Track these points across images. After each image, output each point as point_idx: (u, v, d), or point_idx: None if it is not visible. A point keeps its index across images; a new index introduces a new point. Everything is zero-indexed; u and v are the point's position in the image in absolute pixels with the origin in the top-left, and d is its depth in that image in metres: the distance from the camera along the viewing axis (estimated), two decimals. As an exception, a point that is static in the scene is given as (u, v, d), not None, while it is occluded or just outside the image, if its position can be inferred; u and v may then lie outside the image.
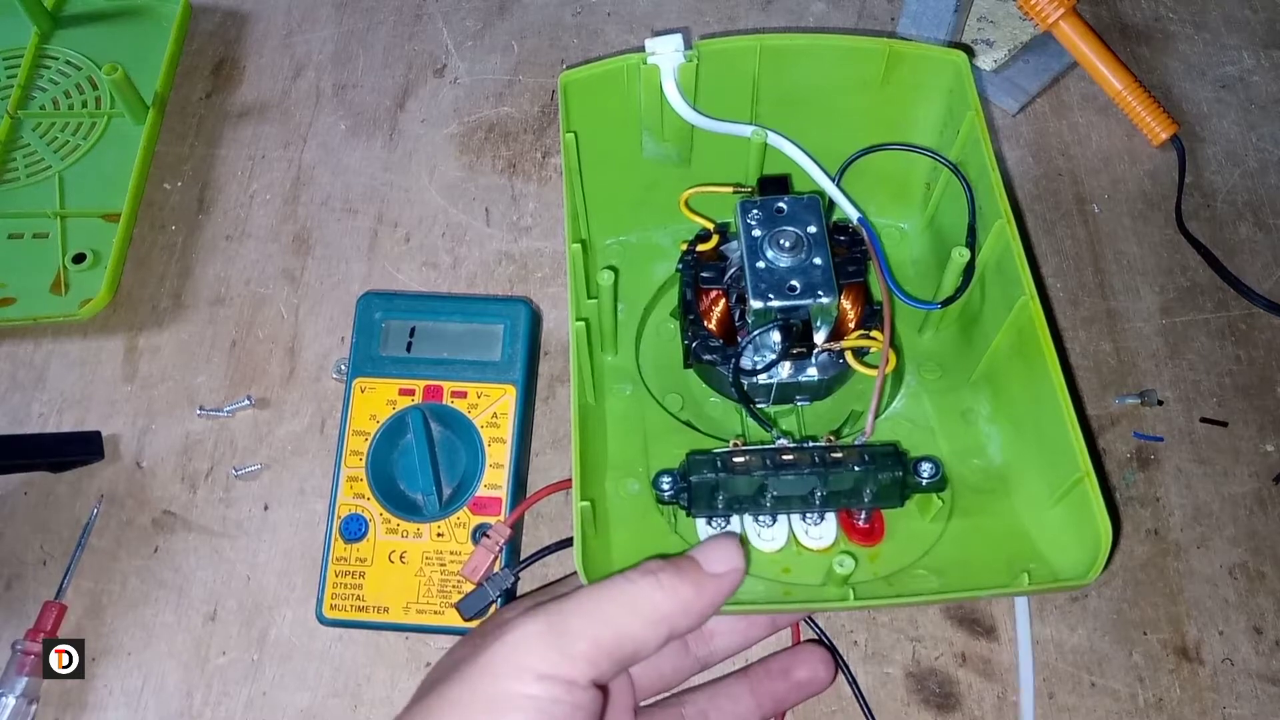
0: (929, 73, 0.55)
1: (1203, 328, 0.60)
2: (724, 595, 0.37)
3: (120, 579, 0.54)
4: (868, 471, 0.47)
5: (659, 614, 0.35)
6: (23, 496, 0.56)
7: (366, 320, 0.56)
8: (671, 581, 0.36)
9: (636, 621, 0.35)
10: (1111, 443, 0.57)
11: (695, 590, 0.36)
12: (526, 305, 0.57)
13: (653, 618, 0.35)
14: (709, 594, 0.36)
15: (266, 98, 0.71)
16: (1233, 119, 0.69)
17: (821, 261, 0.50)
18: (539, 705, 0.32)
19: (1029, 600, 0.51)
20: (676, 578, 0.36)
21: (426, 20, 0.74)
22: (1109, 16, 0.74)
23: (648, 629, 0.35)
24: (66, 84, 0.70)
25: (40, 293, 0.61)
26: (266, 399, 0.59)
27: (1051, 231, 0.64)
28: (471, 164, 0.67)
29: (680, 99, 0.53)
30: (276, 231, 0.65)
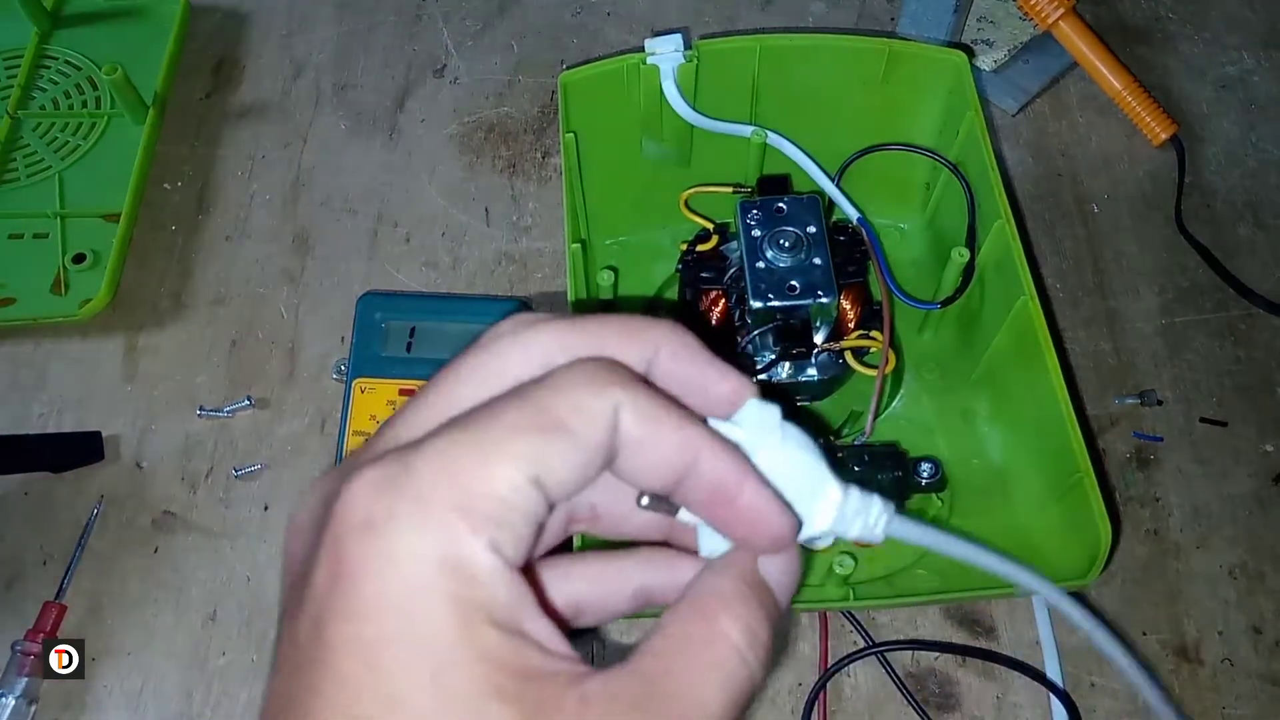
0: (929, 73, 0.55)
1: (1202, 328, 0.60)
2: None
3: (120, 579, 0.54)
4: (867, 472, 0.47)
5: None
6: (23, 497, 0.56)
7: (367, 320, 0.56)
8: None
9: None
10: (1111, 443, 0.57)
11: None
12: (527, 306, 0.57)
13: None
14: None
15: (266, 98, 0.71)
16: (1232, 119, 0.69)
17: (821, 261, 0.50)
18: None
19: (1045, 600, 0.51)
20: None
21: (426, 20, 0.74)
22: (1109, 16, 0.74)
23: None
24: (66, 84, 0.70)
25: (40, 293, 0.61)
26: (266, 399, 0.59)
27: (1051, 232, 0.64)
28: (471, 164, 0.67)
29: (680, 99, 0.53)
30: (276, 232, 0.65)
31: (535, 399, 0.20)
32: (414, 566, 0.18)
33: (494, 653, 0.19)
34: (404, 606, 0.18)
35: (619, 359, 0.22)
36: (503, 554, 0.19)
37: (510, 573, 0.19)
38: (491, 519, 0.19)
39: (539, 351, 0.22)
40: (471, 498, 0.19)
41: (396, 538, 0.19)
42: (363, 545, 0.19)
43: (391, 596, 0.18)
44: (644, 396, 0.21)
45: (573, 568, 0.25)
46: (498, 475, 0.19)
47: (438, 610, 0.18)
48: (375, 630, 0.18)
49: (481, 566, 0.19)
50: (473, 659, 0.18)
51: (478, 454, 0.19)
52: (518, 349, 0.22)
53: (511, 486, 0.19)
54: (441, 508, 0.19)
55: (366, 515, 0.19)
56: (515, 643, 0.19)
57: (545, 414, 0.20)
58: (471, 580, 0.19)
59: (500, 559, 0.19)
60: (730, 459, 0.22)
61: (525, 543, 0.20)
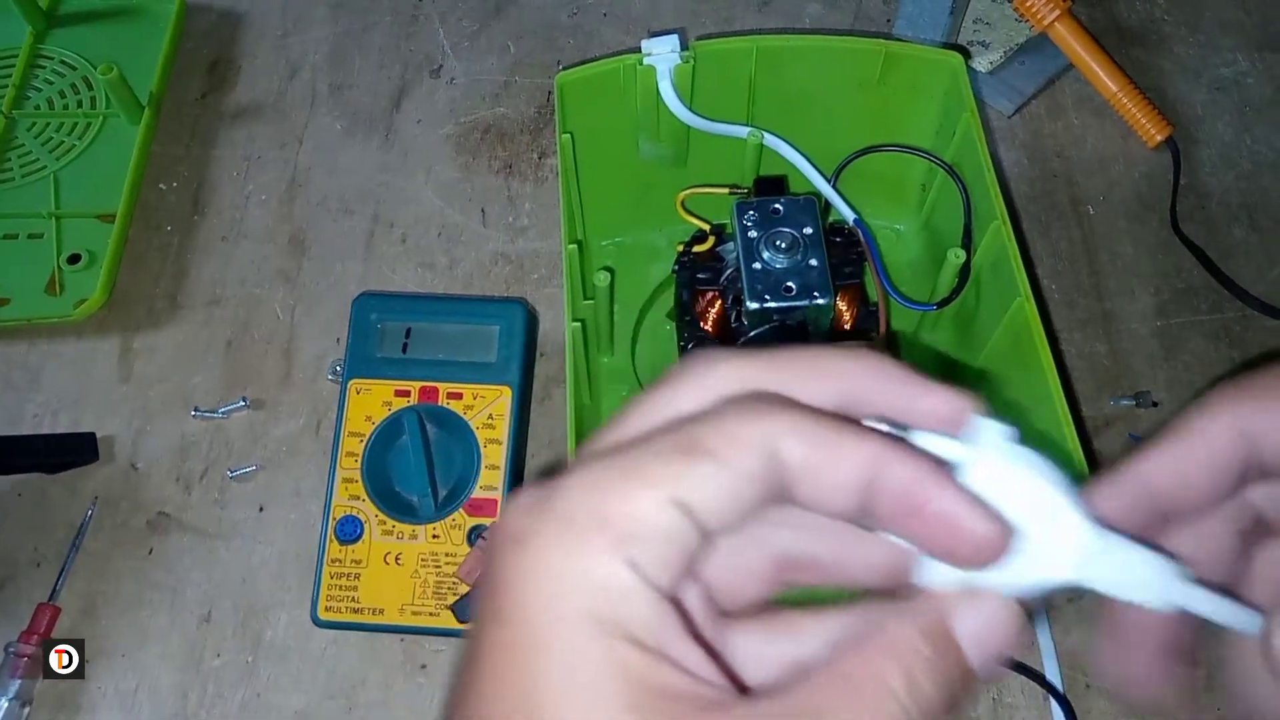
0: (925, 74, 0.55)
1: (1197, 329, 0.60)
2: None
3: (115, 581, 0.53)
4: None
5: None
6: (16, 498, 0.56)
7: (362, 321, 0.56)
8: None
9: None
10: (1107, 444, 0.57)
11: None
12: (522, 306, 0.57)
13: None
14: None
15: (262, 98, 0.70)
16: (1227, 121, 0.69)
17: (817, 263, 0.50)
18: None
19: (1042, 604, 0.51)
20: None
21: (422, 21, 0.74)
22: (1104, 18, 0.74)
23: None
24: (61, 84, 0.70)
25: (35, 293, 0.61)
26: (262, 400, 0.59)
27: (1047, 233, 0.64)
28: (468, 165, 0.67)
29: (676, 100, 0.53)
30: (272, 232, 0.65)
31: (687, 428, 0.20)
32: (553, 580, 0.19)
33: (631, 669, 0.19)
34: (543, 617, 0.19)
35: (803, 395, 0.21)
36: (644, 573, 0.19)
37: (652, 593, 0.19)
38: (632, 538, 0.19)
39: (716, 386, 0.22)
40: (612, 517, 0.19)
41: (540, 552, 0.19)
42: (511, 558, 0.20)
43: (532, 607, 0.19)
44: (809, 421, 0.20)
45: (803, 517, 0.22)
46: (639, 496, 0.19)
47: (574, 623, 0.19)
48: (514, 636, 0.19)
49: (620, 584, 0.19)
50: (607, 673, 0.19)
51: (621, 477, 0.20)
52: (694, 384, 0.22)
53: (654, 508, 0.19)
54: (583, 526, 0.19)
55: (517, 531, 0.20)
56: (654, 662, 0.19)
57: (692, 441, 0.20)
58: (610, 596, 0.19)
59: (640, 578, 0.19)
60: (914, 464, 0.21)
61: (671, 566, 0.20)
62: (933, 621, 0.21)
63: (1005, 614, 0.21)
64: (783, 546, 0.23)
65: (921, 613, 0.21)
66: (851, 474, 0.20)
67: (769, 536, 0.23)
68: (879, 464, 0.20)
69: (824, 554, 0.23)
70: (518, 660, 0.19)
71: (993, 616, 0.21)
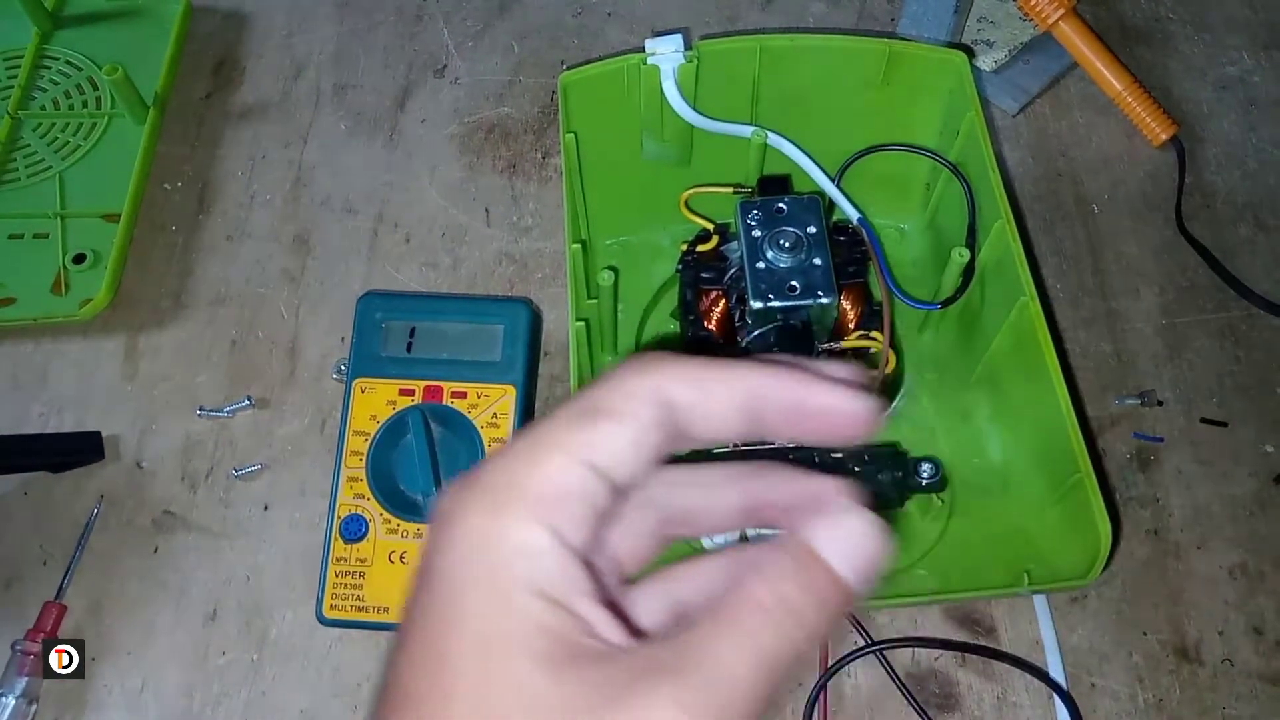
0: (929, 73, 0.55)
1: (1202, 328, 0.60)
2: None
3: (120, 579, 0.54)
4: (868, 472, 0.47)
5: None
6: (23, 497, 0.56)
7: (367, 320, 0.56)
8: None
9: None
10: (1111, 443, 0.57)
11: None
12: (526, 306, 0.57)
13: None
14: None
15: (267, 98, 0.71)
16: (1233, 119, 0.69)
17: (821, 262, 0.50)
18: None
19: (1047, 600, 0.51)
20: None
21: (427, 21, 0.74)
22: (1109, 17, 0.74)
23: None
24: (67, 84, 0.70)
25: (41, 293, 0.61)
26: (266, 399, 0.59)
27: (1051, 232, 0.64)
28: (472, 164, 0.67)
29: (680, 99, 0.53)
30: (277, 232, 0.65)
31: (585, 395, 0.22)
32: (472, 545, 0.21)
33: (541, 623, 0.20)
34: (460, 578, 0.21)
35: (712, 395, 0.23)
36: (559, 535, 0.21)
37: (564, 552, 0.21)
38: (544, 501, 0.21)
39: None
40: (526, 484, 0.21)
41: (461, 524, 0.21)
42: (436, 535, 0.21)
43: (451, 572, 0.21)
44: (687, 366, 0.23)
45: (679, 476, 0.26)
46: (550, 463, 0.21)
47: (489, 582, 0.20)
48: (433, 600, 0.21)
49: (535, 545, 0.20)
50: (518, 627, 0.20)
51: (532, 447, 0.22)
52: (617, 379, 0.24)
53: (564, 471, 0.21)
54: (501, 495, 0.21)
55: (443, 510, 0.21)
56: (562, 616, 0.20)
57: (592, 404, 0.22)
58: (522, 555, 0.20)
59: (555, 539, 0.21)
60: (788, 377, 0.23)
61: (584, 524, 0.21)
62: (797, 545, 0.22)
63: (864, 526, 0.23)
64: (664, 505, 0.26)
65: (787, 541, 0.23)
66: (734, 399, 0.23)
67: (654, 498, 0.25)
68: (756, 385, 0.23)
69: (696, 507, 0.26)
70: (436, 621, 0.20)
71: (852, 530, 0.22)
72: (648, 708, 0.19)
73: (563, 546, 0.21)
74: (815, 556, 0.22)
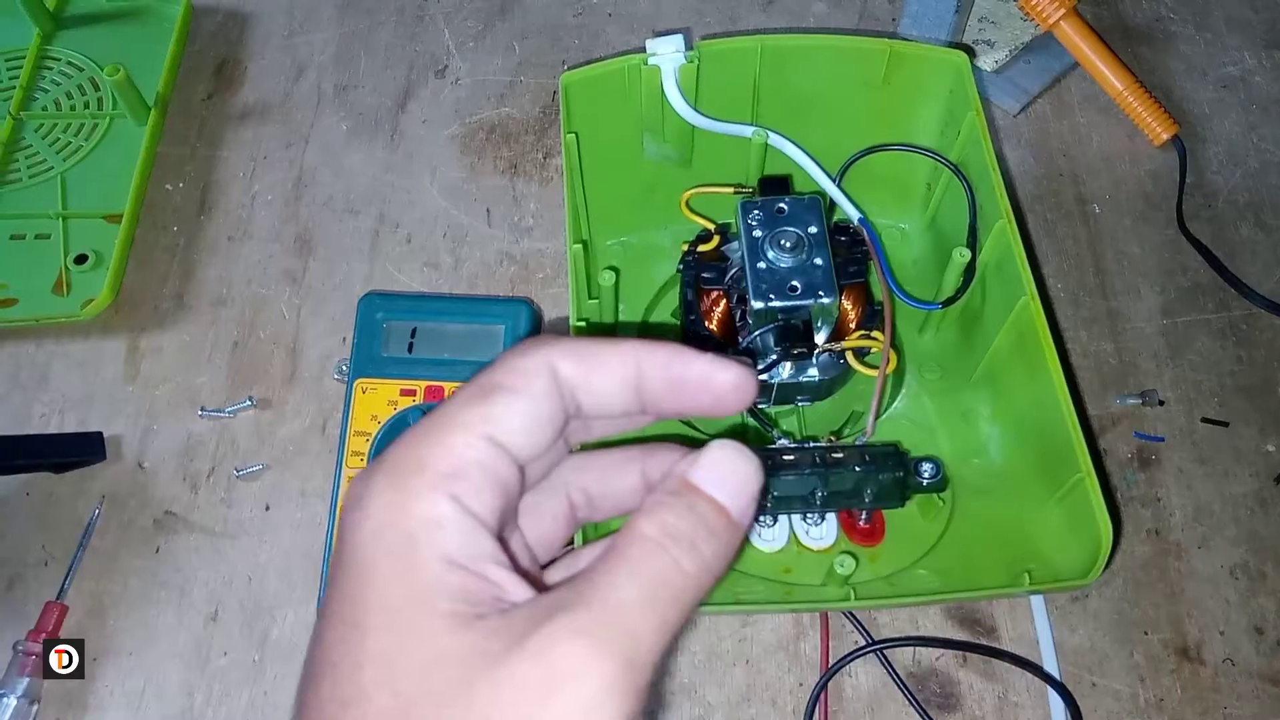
0: (930, 73, 0.55)
1: (1204, 328, 0.60)
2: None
3: (122, 579, 0.54)
4: (868, 472, 0.47)
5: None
6: (24, 497, 0.56)
7: (368, 321, 0.56)
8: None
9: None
10: (1112, 443, 0.57)
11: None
12: (528, 306, 0.57)
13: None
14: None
15: (268, 98, 0.71)
16: (1234, 119, 0.69)
17: (822, 262, 0.50)
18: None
19: (1044, 600, 0.51)
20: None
21: (428, 21, 0.74)
22: (1110, 17, 0.74)
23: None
24: (68, 85, 0.70)
25: (42, 294, 0.61)
26: (268, 399, 0.59)
27: (1052, 232, 0.64)
28: (473, 165, 0.67)
29: (681, 99, 0.53)
30: (278, 232, 0.65)
31: (481, 375, 0.24)
32: (380, 522, 0.22)
33: (446, 584, 0.21)
34: (370, 553, 0.21)
35: (602, 371, 0.25)
36: (463, 505, 0.22)
37: (470, 521, 0.22)
38: (447, 475, 0.22)
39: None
40: (429, 460, 0.22)
41: (369, 503, 0.22)
42: (348, 515, 0.22)
43: (361, 547, 0.22)
44: (573, 343, 0.24)
45: (583, 461, 0.28)
46: (451, 439, 0.22)
47: (395, 553, 0.21)
48: (346, 576, 0.22)
49: (439, 515, 0.22)
50: (423, 590, 0.21)
51: (434, 427, 0.23)
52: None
53: (465, 446, 0.22)
54: (405, 473, 0.22)
55: (353, 495, 0.23)
56: (469, 578, 0.21)
57: (489, 382, 0.24)
58: (428, 526, 0.21)
59: (459, 508, 0.22)
60: (666, 351, 0.25)
61: (489, 494, 0.22)
62: (674, 479, 0.24)
63: (733, 455, 0.24)
64: (572, 489, 0.28)
65: (667, 480, 0.24)
66: (619, 372, 0.24)
67: (562, 483, 0.27)
68: (638, 359, 0.25)
69: (600, 489, 0.28)
70: (349, 596, 0.22)
71: (722, 459, 0.24)
72: (550, 638, 0.20)
73: (468, 515, 0.22)
74: (691, 486, 0.24)
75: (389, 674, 0.20)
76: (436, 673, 0.20)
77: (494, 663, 0.20)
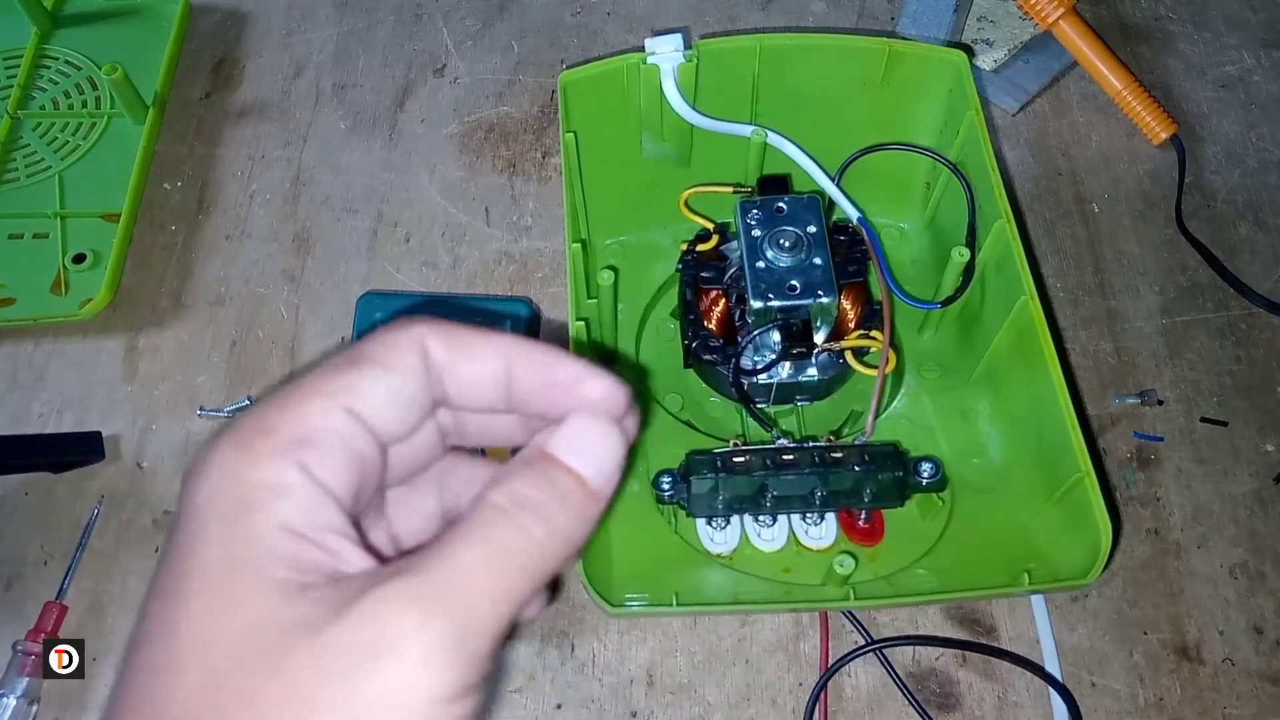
0: (929, 72, 0.55)
1: (1203, 327, 0.60)
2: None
3: (121, 579, 0.54)
4: (868, 471, 0.47)
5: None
6: (23, 497, 0.56)
7: (366, 320, 0.56)
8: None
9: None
10: (1112, 442, 0.57)
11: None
12: (527, 305, 0.57)
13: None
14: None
15: (266, 97, 0.71)
16: (1233, 118, 0.69)
17: (821, 261, 0.50)
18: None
19: (1044, 600, 0.51)
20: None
21: (426, 20, 0.74)
22: (1109, 16, 0.74)
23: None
24: (66, 84, 0.70)
25: (40, 293, 0.61)
26: (267, 399, 0.59)
27: (1051, 231, 0.64)
28: (471, 164, 0.67)
29: (680, 99, 0.53)
30: (276, 231, 0.65)
31: (352, 347, 0.23)
32: (216, 483, 0.21)
33: (279, 551, 0.20)
34: (204, 516, 0.20)
35: (473, 361, 0.24)
36: (310, 474, 0.21)
37: (316, 490, 0.21)
38: (297, 441, 0.21)
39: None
40: (279, 426, 0.21)
41: (212, 464, 0.21)
42: (189, 477, 0.21)
43: (196, 510, 0.21)
44: (450, 326, 0.24)
45: (456, 463, 0.27)
46: (307, 405, 0.22)
47: (231, 516, 0.20)
48: (180, 539, 0.21)
49: (281, 480, 0.21)
50: (253, 556, 0.20)
51: (293, 394, 0.22)
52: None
53: (322, 414, 0.21)
54: (250, 438, 0.21)
55: (199, 456, 0.21)
56: (306, 547, 0.20)
57: (357, 354, 0.23)
58: (269, 491, 0.20)
59: (306, 476, 0.21)
60: (540, 350, 0.24)
61: (341, 466, 0.21)
62: (531, 449, 0.23)
63: (596, 423, 0.23)
64: (445, 490, 0.27)
65: (524, 450, 0.23)
66: (489, 364, 0.24)
67: (436, 482, 0.27)
68: (510, 355, 0.24)
69: (471, 494, 0.26)
70: (177, 559, 0.20)
71: (582, 428, 0.23)
72: (378, 603, 0.19)
73: (314, 484, 0.21)
74: (548, 456, 0.23)
75: (203, 644, 0.19)
76: (253, 642, 0.19)
77: (314, 631, 0.19)
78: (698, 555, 0.50)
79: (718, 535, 0.50)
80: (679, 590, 0.45)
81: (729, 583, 0.49)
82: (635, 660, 0.50)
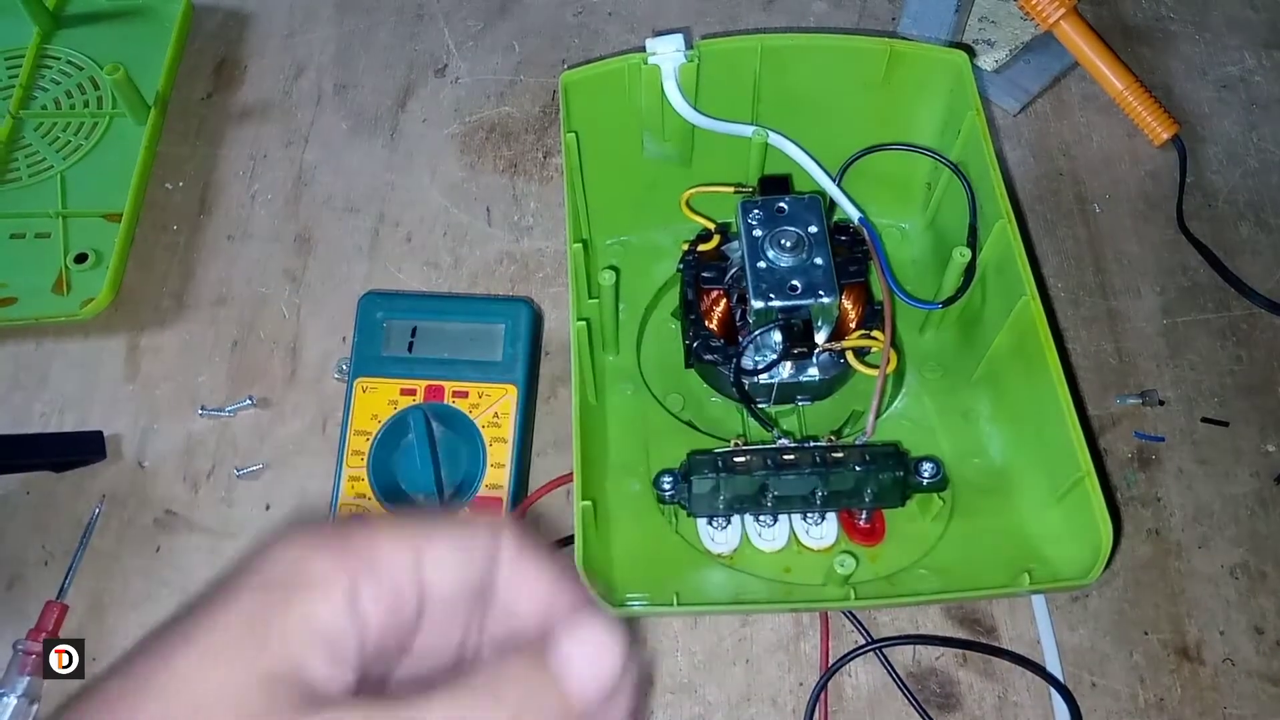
0: (930, 73, 0.55)
1: (1204, 328, 0.60)
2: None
3: (122, 579, 0.54)
4: (869, 471, 0.47)
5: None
6: (24, 496, 0.56)
7: (368, 320, 0.56)
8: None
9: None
10: (1112, 443, 0.57)
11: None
12: (528, 305, 0.57)
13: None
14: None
15: (268, 98, 0.71)
16: (1234, 119, 0.69)
17: (822, 261, 0.50)
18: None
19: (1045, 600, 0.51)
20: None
21: (428, 20, 0.74)
22: (1110, 16, 0.74)
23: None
24: (68, 84, 0.70)
25: (42, 293, 0.61)
26: (268, 399, 0.59)
27: (1052, 231, 0.64)
28: (473, 164, 0.67)
29: (681, 99, 0.53)
30: (278, 231, 0.65)
31: (438, 511, 0.22)
32: (277, 567, 0.22)
33: (289, 651, 0.20)
34: (248, 582, 0.22)
35: (447, 569, 0.22)
36: (357, 598, 0.21)
37: (353, 614, 0.21)
38: (367, 565, 0.21)
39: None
40: (353, 541, 0.22)
41: (282, 548, 0.22)
42: (258, 549, 0.22)
43: (247, 575, 0.23)
44: (527, 535, 0.23)
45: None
46: (382, 540, 0.22)
47: (265, 596, 0.22)
48: (218, 591, 0.22)
49: (328, 580, 0.21)
50: (269, 637, 0.21)
51: (374, 524, 0.22)
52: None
53: (390, 551, 0.22)
54: (327, 538, 0.22)
55: (277, 534, 0.22)
56: (317, 660, 0.20)
57: (449, 516, 0.23)
58: (315, 590, 0.21)
59: (350, 598, 0.21)
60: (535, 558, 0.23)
61: (385, 603, 0.21)
62: (525, 654, 0.21)
63: (598, 635, 0.21)
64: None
65: (523, 650, 0.21)
66: (538, 585, 0.22)
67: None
68: (553, 592, 0.23)
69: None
70: (204, 602, 0.22)
71: (586, 639, 0.21)
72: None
73: (354, 609, 0.21)
74: (545, 664, 0.21)
75: (175, 694, 0.20)
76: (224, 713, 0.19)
77: None
78: (698, 555, 0.50)
79: (718, 535, 0.50)
80: (680, 590, 0.45)
81: (730, 583, 0.49)
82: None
